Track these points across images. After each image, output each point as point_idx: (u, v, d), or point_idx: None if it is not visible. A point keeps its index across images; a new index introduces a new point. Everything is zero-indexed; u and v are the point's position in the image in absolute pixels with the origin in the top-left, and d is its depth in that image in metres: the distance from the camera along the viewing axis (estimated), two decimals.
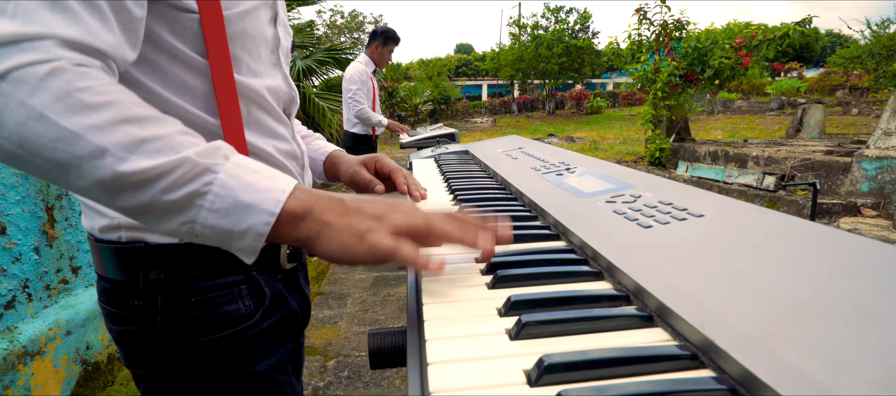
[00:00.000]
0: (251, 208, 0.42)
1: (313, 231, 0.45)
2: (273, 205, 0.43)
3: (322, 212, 0.45)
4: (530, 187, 0.86)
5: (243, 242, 0.43)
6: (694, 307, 0.37)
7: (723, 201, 0.59)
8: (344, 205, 0.46)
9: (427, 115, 17.53)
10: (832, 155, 5.43)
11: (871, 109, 11.05)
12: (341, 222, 0.45)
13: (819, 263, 0.40)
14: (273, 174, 0.45)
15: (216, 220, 0.42)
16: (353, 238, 0.45)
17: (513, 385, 0.31)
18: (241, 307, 0.60)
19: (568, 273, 0.49)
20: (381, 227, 0.46)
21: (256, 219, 0.42)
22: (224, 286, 0.59)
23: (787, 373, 0.28)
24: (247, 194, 0.42)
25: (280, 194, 0.43)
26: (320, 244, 0.45)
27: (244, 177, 0.43)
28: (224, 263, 0.59)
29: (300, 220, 0.44)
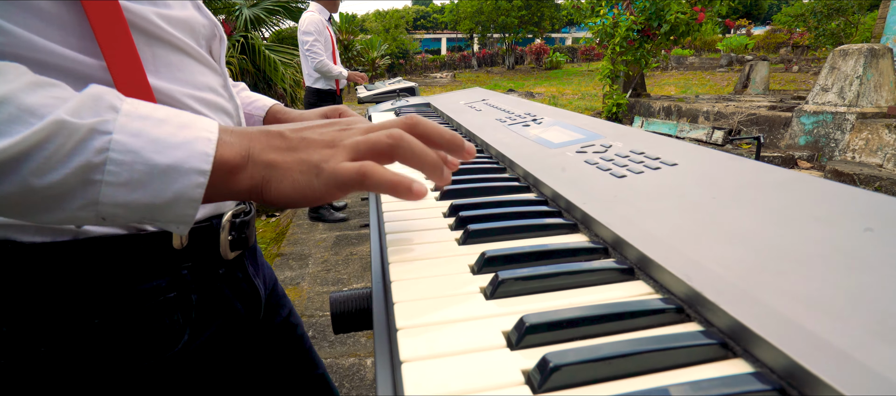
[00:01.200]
0: (173, 171, 0.32)
1: (257, 178, 0.36)
2: (201, 160, 0.33)
3: (262, 152, 0.36)
4: (497, 138, 0.83)
5: (172, 213, 0.33)
6: (677, 258, 0.35)
7: (695, 149, 0.58)
8: (284, 138, 0.38)
9: (385, 69, 17.01)
10: (775, 110, 5.71)
11: (810, 67, 11.64)
12: (289, 159, 0.37)
13: (797, 210, 0.39)
14: (185, 120, 0.34)
15: (127, 195, 0.31)
16: (308, 174, 0.36)
17: (492, 350, 0.28)
18: (165, 322, 0.46)
19: (541, 226, 0.46)
20: (336, 153, 0.37)
21: (184, 182, 0.33)
22: (142, 296, 0.44)
23: (777, 323, 0.27)
24: (161, 154, 0.32)
25: (205, 143, 0.33)
26: (269, 191, 0.36)
27: (150, 131, 0.32)
28: (140, 263, 0.44)
29: (239, 169, 0.35)
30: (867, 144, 4.46)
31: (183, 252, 0.47)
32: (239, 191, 0.36)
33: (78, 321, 0.42)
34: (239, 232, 0.54)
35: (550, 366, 0.25)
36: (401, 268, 0.40)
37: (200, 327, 0.50)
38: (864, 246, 0.32)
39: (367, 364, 1.94)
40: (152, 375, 0.46)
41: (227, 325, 0.54)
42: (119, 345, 0.44)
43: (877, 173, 3.99)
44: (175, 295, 0.47)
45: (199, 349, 0.50)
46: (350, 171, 0.36)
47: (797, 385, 0.24)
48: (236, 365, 0.66)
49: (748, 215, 0.39)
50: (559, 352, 0.26)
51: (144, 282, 0.44)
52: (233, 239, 0.53)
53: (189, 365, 0.49)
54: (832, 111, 4.78)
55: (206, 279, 0.51)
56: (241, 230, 0.54)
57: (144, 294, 0.45)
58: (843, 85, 4.81)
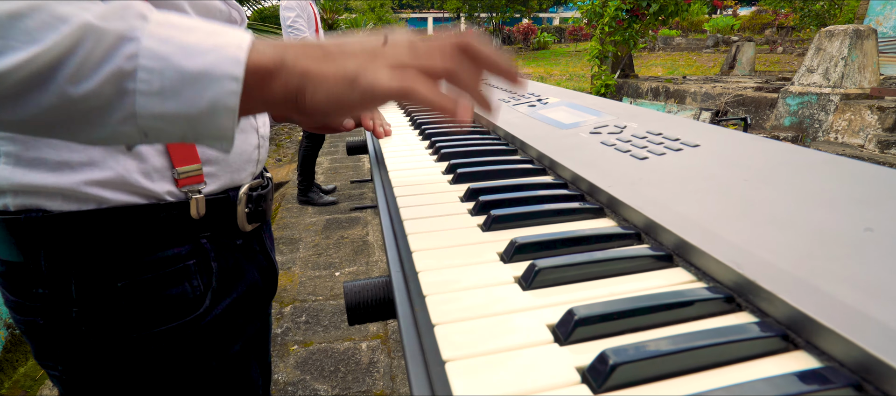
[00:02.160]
0: (205, 77, 0.30)
1: (291, 86, 0.33)
2: (232, 65, 0.31)
3: (296, 60, 0.34)
4: (504, 119, 0.80)
5: (212, 125, 0.32)
6: (719, 244, 0.33)
7: (715, 130, 0.56)
8: (323, 48, 0.35)
9: None
10: (761, 91, 5.76)
11: (794, 48, 11.75)
12: (325, 68, 0.34)
13: (836, 191, 0.37)
14: (216, 29, 0.33)
15: (162, 105, 0.30)
16: (343, 83, 0.34)
17: (539, 345, 0.27)
18: (187, 289, 0.48)
19: (566, 210, 0.44)
20: (377, 63, 0.35)
21: (218, 89, 0.31)
22: (163, 262, 0.47)
23: (843, 312, 0.25)
24: (192, 60, 0.30)
25: (236, 49, 0.32)
26: (303, 101, 0.34)
27: (179, 38, 0.31)
28: (162, 232, 0.47)
29: (272, 76, 0.33)
30: (850, 125, 4.53)
31: (201, 222, 0.49)
32: (274, 100, 0.34)
33: (104, 284, 0.45)
34: (256, 205, 0.55)
35: (611, 364, 0.23)
36: (425, 257, 0.38)
37: (220, 294, 0.52)
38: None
39: (361, 347, 1.93)
40: (175, 339, 0.48)
41: (246, 296, 0.56)
42: (143, 307, 0.46)
43: (858, 154, 4.07)
44: (195, 262, 0.49)
45: (221, 316, 0.52)
46: (391, 84, 0.34)
47: (874, 379, 0.23)
48: (253, 335, 0.65)
49: (785, 198, 0.38)
50: (619, 349, 0.24)
51: (164, 249, 0.47)
52: (249, 211, 0.54)
53: (210, 332, 0.51)
54: (817, 92, 4.84)
55: (225, 250, 0.52)
56: (257, 203, 0.55)
57: (165, 261, 0.47)
58: (829, 66, 4.86)
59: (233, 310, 0.53)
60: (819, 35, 5.07)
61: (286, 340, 1.96)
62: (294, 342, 1.94)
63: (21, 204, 0.43)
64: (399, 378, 1.77)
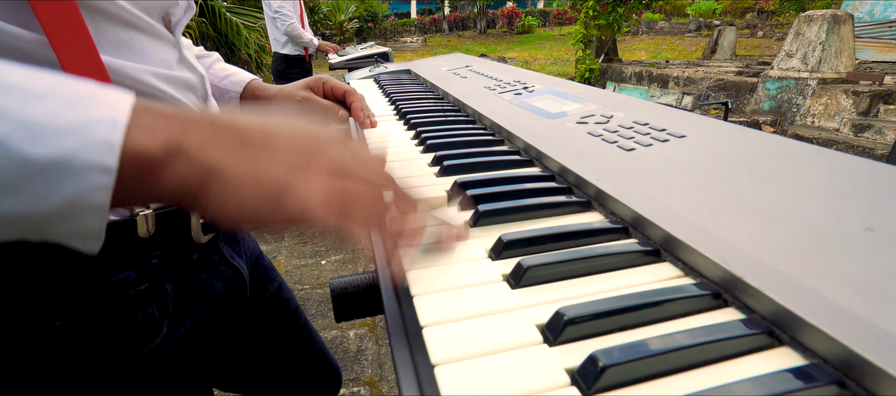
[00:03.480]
0: (60, 169, 0.22)
1: (190, 182, 0.26)
2: (101, 152, 0.23)
3: (201, 147, 0.26)
4: (489, 108, 0.80)
5: (67, 226, 0.24)
6: (707, 239, 0.33)
7: (701, 120, 0.57)
8: (239, 135, 0.28)
9: (353, 33, 16.43)
10: (742, 76, 5.83)
11: (774, 32, 11.91)
12: (242, 167, 0.27)
13: (822, 184, 0.38)
14: (82, 91, 0.24)
15: (2, 205, 0.22)
16: (265, 195, 0.27)
17: (529, 346, 0.26)
18: (139, 317, 0.42)
19: (554, 205, 0.44)
20: (306, 183, 0.28)
21: (79, 183, 0.23)
22: (108, 290, 0.40)
23: (827, 309, 0.26)
24: (40, 144, 0.22)
25: (108, 127, 0.23)
26: (205, 205, 0.27)
27: (18, 111, 0.22)
28: (103, 256, 0.40)
29: (162, 166, 0.25)
30: (826, 109, 4.63)
31: (151, 241, 0.43)
32: (163, 195, 0.27)
33: (37, 324, 0.38)
34: None
35: (601, 365, 0.23)
36: (412, 254, 0.37)
37: (180, 317, 0.47)
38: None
39: (349, 335, 1.93)
40: (135, 371, 0.43)
41: (210, 311, 0.51)
42: (89, 345, 0.40)
43: (834, 137, 4.17)
44: (146, 287, 0.43)
45: (183, 339, 0.47)
46: (329, 213, 0.28)
47: (856, 376, 0.23)
48: (228, 348, 0.63)
49: (771, 191, 0.38)
50: (608, 350, 0.24)
51: (109, 276, 0.40)
52: (205, 222, 0.49)
53: (175, 357, 0.46)
54: (795, 77, 4.92)
55: (180, 267, 0.47)
56: None
57: (111, 289, 0.40)
58: (807, 51, 4.94)
59: (198, 329, 0.49)
60: (798, 20, 5.13)
61: None
62: None
63: None
64: (387, 365, 1.77)
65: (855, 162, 0.40)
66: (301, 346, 0.75)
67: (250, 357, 0.68)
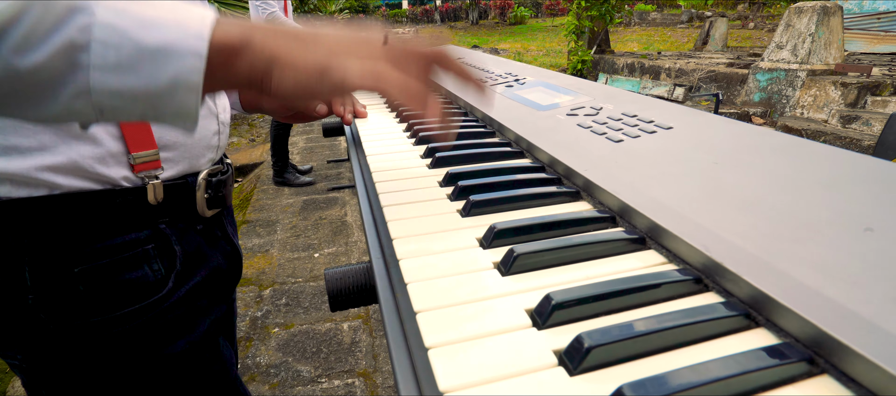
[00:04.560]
0: (166, 52, 0.29)
1: (258, 68, 0.32)
2: (195, 41, 0.29)
3: (264, 42, 0.32)
4: (481, 100, 0.80)
5: (173, 103, 0.30)
6: (690, 227, 0.35)
7: (687, 112, 0.58)
8: (294, 34, 0.34)
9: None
10: (732, 67, 5.87)
11: (765, 24, 11.98)
12: (296, 54, 0.33)
13: (801, 174, 0.39)
14: (177, 3, 0.31)
15: (119, 80, 0.28)
16: (312, 73, 0.33)
17: (518, 330, 0.28)
18: (147, 273, 0.48)
19: (544, 195, 0.45)
20: (348, 56, 0.34)
21: (180, 64, 0.29)
22: (121, 247, 0.46)
23: (800, 292, 0.27)
24: (151, 34, 0.29)
25: (199, 24, 0.30)
26: (269, 84, 0.33)
27: (136, 10, 0.29)
28: (119, 217, 0.46)
29: (238, 55, 0.32)
30: (815, 101, 4.68)
31: (159, 208, 0.49)
32: (239, 80, 0.33)
33: (59, 270, 0.44)
34: (216, 191, 0.55)
35: (586, 346, 0.24)
36: (405, 243, 0.38)
37: (184, 277, 0.52)
38: (874, 212, 0.33)
39: (343, 327, 1.95)
40: (140, 320, 0.49)
41: (209, 279, 0.55)
42: (101, 291, 0.46)
43: (822, 128, 4.22)
44: (154, 247, 0.49)
45: (184, 298, 0.52)
46: (364, 77, 0.34)
47: (825, 354, 0.24)
48: (220, 318, 0.64)
49: (753, 181, 0.39)
50: (593, 332, 0.25)
51: (122, 234, 0.46)
52: (209, 197, 0.54)
53: (176, 312, 0.51)
54: (785, 68, 4.97)
55: (186, 234, 0.52)
56: (217, 189, 0.55)
57: (122, 246, 0.47)
58: (797, 42, 4.98)
59: (197, 292, 0.54)
60: (788, 11, 5.17)
61: (267, 323, 1.95)
62: (275, 325, 1.94)
63: None
64: (381, 357, 1.79)
65: (832, 153, 0.42)
66: None
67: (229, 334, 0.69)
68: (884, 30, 7.51)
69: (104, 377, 0.49)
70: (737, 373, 0.23)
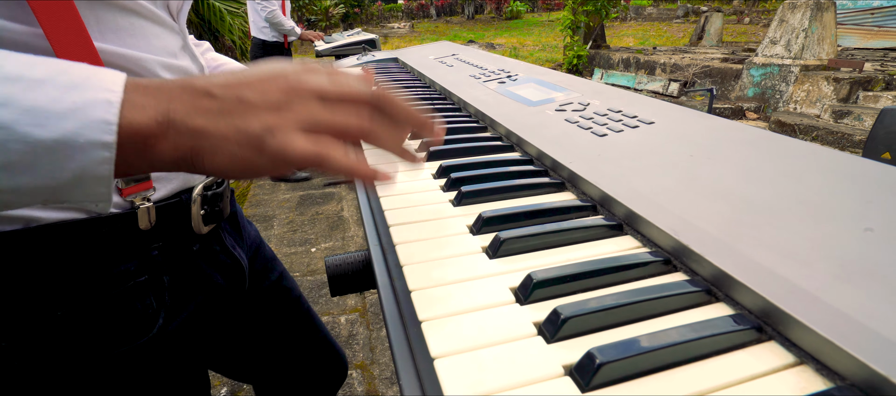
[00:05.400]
0: (65, 148, 0.25)
1: (183, 148, 0.29)
2: (99, 131, 0.25)
3: (186, 116, 0.28)
4: (474, 96, 0.83)
5: (79, 193, 0.27)
6: (663, 214, 0.38)
7: (670, 108, 0.61)
8: (214, 97, 0.30)
9: (339, 19, 16.22)
10: (727, 62, 5.91)
11: (760, 19, 12.04)
12: (222, 126, 0.29)
13: (768, 166, 0.42)
14: (76, 77, 0.26)
15: (10, 180, 0.25)
16: (248, 148, 0.29)
17: (503, 305, 0.31)
18: (137, 308, 0.43)
19: (531, 186, 0.48)
20: (285, 122, 0.30)
21: (83, 159, 0.26)
22: (109, 282, 0.41)
23: (754, 270, 0.30)
24: (43, 128, 0.24)
25: (104, 108, 0.26)
26: (202, 164, 0.30)
27: (21, 98, 0.24)
28: (104, 248, 0.41)
29: (157, 138, 0.28)
30: (808, 96, 4.73)
31: (152, 232, 0.44)
32: (163, 162, 0.29)
33: (39, 313, 0.39)
34: (212, 205, 0.51)
35: (562, 318, 0.27)
36: (402, 231, 0.41)
37: (177, 308, 0.47)
38: (827, 200, 0.36)
39: (340, 321, 1.98)
40: (129, 361, 0.44)
41: (208, 301, 0.52)
42: (88, 335, 0.41)
43: (815, 123, 4.27)
44: (146, 278, 0.44)
45: (179, 329, 0.48)
46: (306, 150, 0.30)
47: (772, 322, 0.28)
48: (226, 338, 0.64)
49: (724, 173, 0.42)
50: (568, 305, 0.28)
51: (111, 268, 0.41)
52: (206, 213, 0.50)
53: (170, 347, 0.47)
54: (779, 64, 5.01)
55: (180, 258, 0.48)
56: (213, 203, 0.51)
57: (111, 280, 0.42)
58: (790, 38, 5.03)
59: (194, 319, 0.50)
60: (782, 7, 5.21)
61: None
62: None
63: None
64: (378, 350, 1.82)
65: (796, 145, 0.45)
66: (304, 334, 0.75)
67: (254, 346, 0.69)
68: (877, 25, 7.56)
69: None
70: (693, 339, 0.26)
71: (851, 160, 0.41)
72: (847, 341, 0.24)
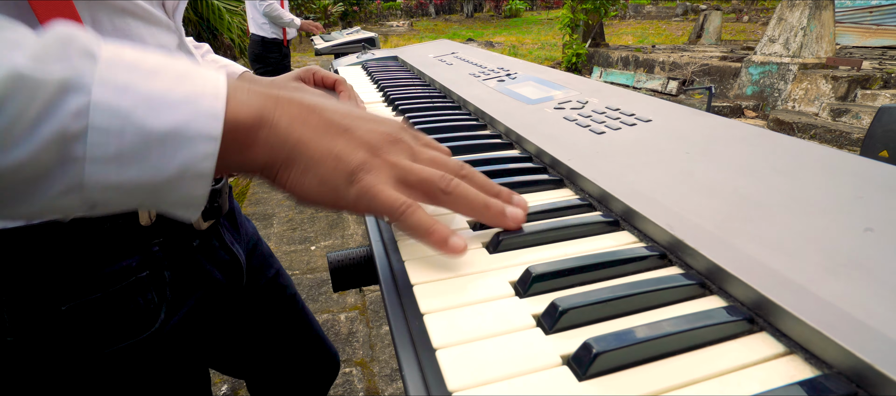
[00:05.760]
0: (175, 138, 0.25)
1: (278, 155, 0.29)
2: (208, 122, 0.25)
3: (290, 123, 0.28)
4: (473, 94, 0.84)
5: (177, 193, 0.26)
6: (659, 210, 0.38)
7: (666, 106, 0.62)
8: (318, 112, 0.30)
9: (338, 17, 16.19)
10: (726, 61, 5.92)
11: (759, 17, 12.05)
12: (323, 146, 0.29)
13: (761, 163, 0.43)
14: (183, 69, 0.26)
15: (119, 173, 0.24)
16: (341, 176, 0.29)
17: (503, 298, 0.31)
18: (140, 303, 0.44)
19: (531, 182, 0.49)
20: (380, 167, 0.30)
21: (190, 151, 0.25)
22: (110, 278, 0.42)
23: (747, 263, 0.31)
24: (158, 116, 0.24)
25: (213, 98, 0.26)
26: (287, 177, 0.29)
27: (140, 85, 0.24)
28: (106, 244, 0.41)
29: (257, 135, 0.28)
30: (806, 94, 4.74)
31: (152, 228, 0.45)
32: (254, 165, 0.29)
33: (43, 308, 0.39)
34: (211, 202, 0.50)
35: (560, 310, 0.28)
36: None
37: (177, 303, 0.48)
38: (816, 195, 0.37)
39: (340, 318, 1.99)
40: (132, 357, 0.45)
41: (207, 297, 0.53)
42: (91, 330, 0.42)
43: (813, 122, 4.28)
44: (147, 274, 0.44)
45: (180, 324, 0.48)
46: (391, 202, 0.30)
47: (763, 314, 0.28)
48: (223, 335, 0.65)
49: (718, 169, 0.43)
50: (565, 297, 0.29)
51: (113, 264, 0.41)
52: (205, 209, 0.50)
53: (169, 342, 0.48)
54: (777, 62, 5.02)
55: (180, 254, 0.48)
56: (212, 200, 0.51)
57: (114, 276, 0.42)
58: (789, 36, 5.03)
59: (194, 315, 0.51)
60: (781, 5, 5.22)
61: None
62: None
63: None
64: (378, 347, 1.83)
65: (789, 142, 0.46)
66: (299, 331, 0.77)
67: (249, 342, 0.70)
68: (875, 23, 7.58)
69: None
70: (686, 329, 0.27)
71: (844, 157, 0.41)
72: (834, 331, 0.25)
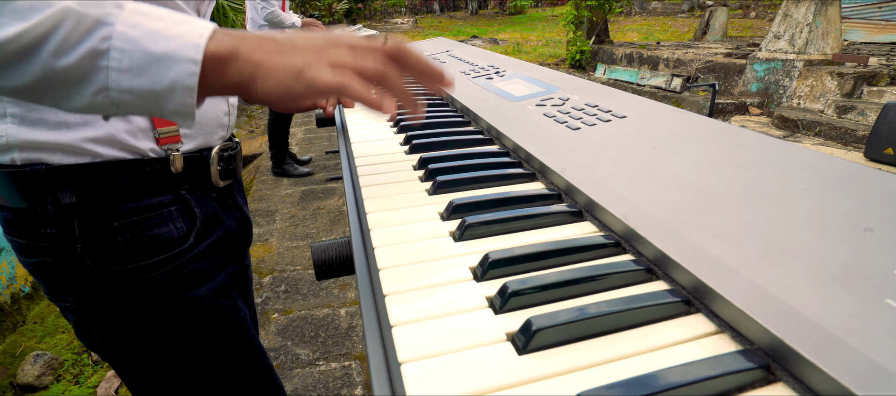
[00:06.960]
0: (167, 60, 0.36)
1: (245, 74, 0.39)
2: (192, 51, 0.37)
3: (251, 52, 0.39)
4: (461, 92, 0.86)
5: (172, 101, 0.38)
6: (618, 202, 0.40)
7: (643, 102, 0.64)
8: (276, 43, 0.41)
9: (343, 15, 16.21)
10: (731, 57, 5.89)
11: (766, 13, 11.94)
12: (275, 60, 0.40)
13: (720, 157, 0.45)
14: (182, 19, 0.38)
15: (131, 81, 0.36)
16: (290, 76, 0.39)
17: (461, 282, 0.34)
18: (171, 229, 0.57)
19: (503, 176, 0.51)
20: (320, 61, 0.40)
21: (178, 70, 0.36)
22: (150, 207, 0.55)
23: (690, 251, 0.33)
24: (157, 44, 0.36)
25: (197, 37, 0.37)
26: (255, 88, 0.40)
27: (147, 25, 0.36)
28: (148, 182, 0.55)
29: (227, 63, 0.39)
30: (811, 91, 4.71)
31: (180, 176, 0.58)
32: (228, 84, 0.40)
33: (101, 224, 0.53)
34: (227, 164, 0.64)
35: (509, 292, 0.30)
36: (377, 217, 0.44)
37: (203, 235, 0.61)
38: (766, 186, 0.39)
39: (340, 313, 2.01)
40: (167, 268, 0.58)
41: (224, 239, 0.65)
42: (135, 243, 0.55)
43: (818, 119, 4.25)
44: (177, 208, 0.58)
45: (204, 252, 0.61)
46: (331, 80, 0.40)
47: (699, 296, 0.30)
48: (235, 274, 0.72)
49: (680, 163, 0.45)
50: (515, 281, 0.31)
51: (150, 197, 0.56)
52: (221, 169, 0.63)
53: (196, 264, 0.60)
54: (783, 58, 4.99)
55: (202, 200, 0.61)
56: (228, 162, 0.64)
57: (151, 206, 0.56)
58: (794, 32, 5.00)
59: (213, 248, 0.62)
60: (786, 1, 5.18)
61: (266, 309, 2.02)
62: (274, 311, 2.01)
63: (26, 158, 0.50)
64: None
65: (753, 137, 0.48)
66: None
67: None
68: (884, 19, 7.48)
69: (140, 315, 0.58)
70: (625, 309, 0.29)
71: (800, 152, 0.43)
72: (757, 311, 0.27)
